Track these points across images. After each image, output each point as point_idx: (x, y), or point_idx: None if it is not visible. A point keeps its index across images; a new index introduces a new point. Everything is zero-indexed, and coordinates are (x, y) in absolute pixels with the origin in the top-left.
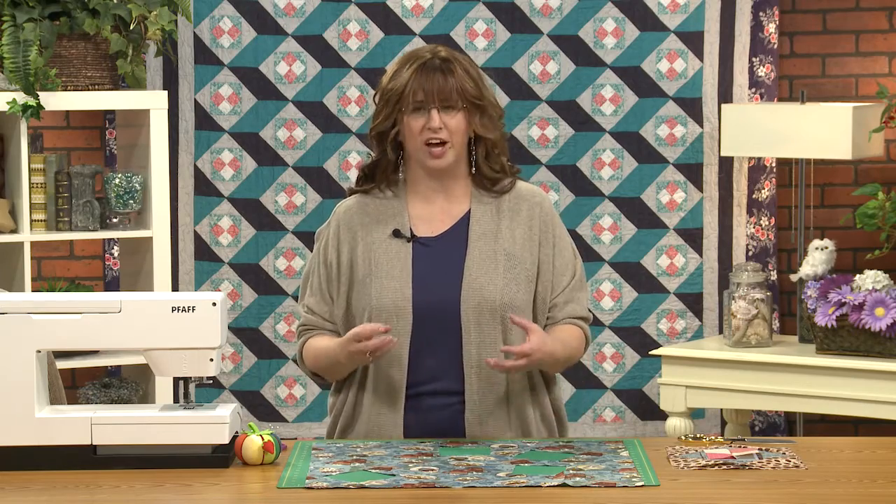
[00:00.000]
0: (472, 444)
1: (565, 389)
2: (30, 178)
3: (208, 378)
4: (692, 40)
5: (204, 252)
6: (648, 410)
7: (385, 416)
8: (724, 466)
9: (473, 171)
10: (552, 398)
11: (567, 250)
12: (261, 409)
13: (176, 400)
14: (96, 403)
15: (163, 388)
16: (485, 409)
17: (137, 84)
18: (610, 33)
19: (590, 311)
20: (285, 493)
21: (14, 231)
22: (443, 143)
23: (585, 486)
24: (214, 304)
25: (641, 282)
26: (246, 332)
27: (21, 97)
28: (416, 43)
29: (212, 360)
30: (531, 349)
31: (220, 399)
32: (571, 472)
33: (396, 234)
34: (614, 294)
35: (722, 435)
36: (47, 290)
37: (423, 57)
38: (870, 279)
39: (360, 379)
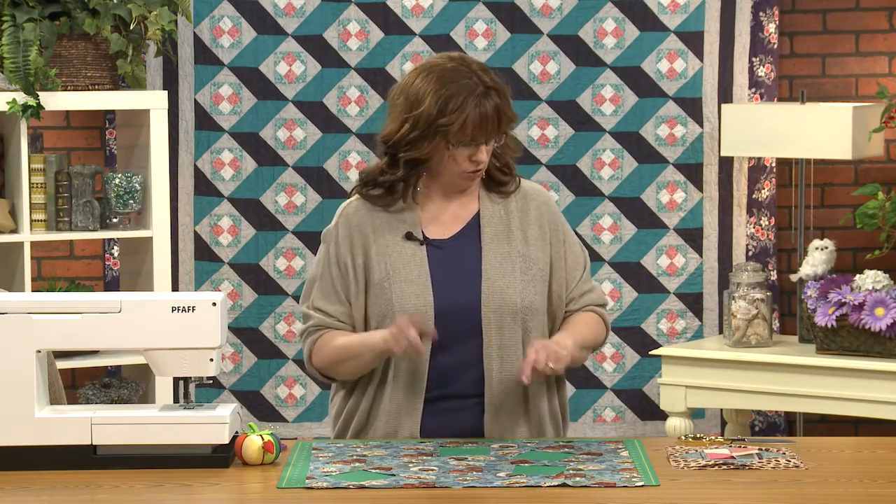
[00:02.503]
0: (472, 444)
1: None
2: (30, 178)
3: (208, 378)
4: (692, 40)
5: (204, 252)
6: (648, 410)
7: (404, 419)
8: (724, 466)
9: (484, 177)
10: (560, 396)
11: (575, 245)
12: (261, 409)
13: (176, 400)
14: (96, 403)
15: (163, 388)
16: (504, 410)
17: (137, 84)
18: (610, 33)
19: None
20: (285, 493)
21: (14, 231)
22: (480, 169)
23: (585, 486)
24: (214, 304)
25: (641, 282)
26: (246, 332)
27: (21, 97)
28: (416, 43)
29: (212, 360)
30: (535, 354)
31: (220, 399)
32: (571, 472)
33: (409, 236)
34: (614, 294)
35: (722, 435)
36: (47, 290)
37: (472, 88)
38: (870, 279)
39: (379, 381)
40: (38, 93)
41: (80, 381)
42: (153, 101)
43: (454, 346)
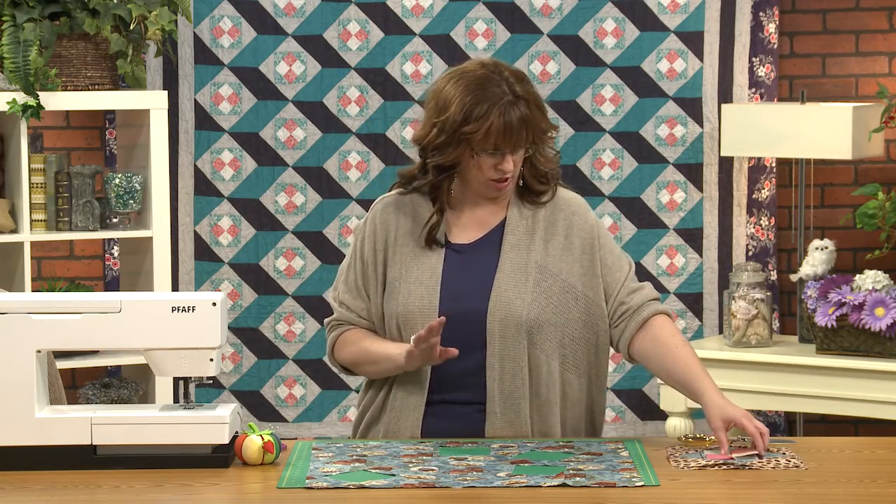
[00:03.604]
0: (472, 444)
1: None
2: (30, 178)
3: (208, 378)
4: (692, 40)
5: (204, 252)
6: (648, 410)
7: (406, 418)
8: (724, 466)
9: (521, 184)
10: (594, 406)
11: (615, 249)
12: (261, 409)
13: (176, 400)
14: (96, 403)
15: (163, 388)
16: (506, 420)
17: (137, 84)
18: (610, 33)
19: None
20: (285, 493)
21: (14, 231)
22: (508, 178)
23: (585, 486)
24: (214, 304)
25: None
26: (246, 332)
27: (21, 97)
28: (416, 43)
29: (212, 360)
30: (760, 438)
31: (220, 399)
32: (571, 472)
33: (430, 239)
34: None
35: None
36: (47, 290)
37: (499, 97)
38: (870, 279)
39: (390, 380)
40: (38, 93)
41: (80, 381)
42: (153, 101)
43: (458, 353)
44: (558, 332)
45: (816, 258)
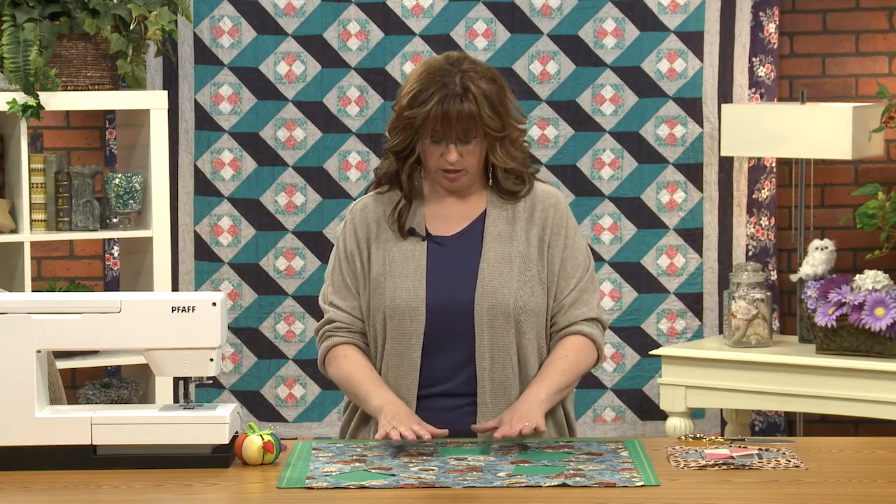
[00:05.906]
0: (472, 444)
1: None
2: (30, 178)
3: (208, 378)
4: (692, 40)
5: (204, 252)
6: (648, 410)
7: None
8: (724, 466)
9: (491, 184)
10: (564, 405)
11: (580, 252)
12: (261, 409)
13: (176, 400)
14: (96, 403)
15: (163, 388)
16: (497, 411)
17: (137, 84)
18: (610, 33)
19: (603, 311)
20: (285, 493)
21: (14, 231)
22: (458, 171)
23: (585, 486)
24: (214, 304)
25: (641, 282)
26: (246, 332)
27: (21, 97)
28: (416, 43)
29: (212, 360)
30: (508, 425)
31: (220, 399)
32: (571, 472)
33: (412, 232)
34: (614, 294)
35: (722, 435)
36: (47, 290)
37: (446, 86)
38: (870, 279)
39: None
40: (38, 93)
41: (80, 381)
42: (153, 101)
43: (447, 345)
44: (539, 321)
45: (816, 258)
